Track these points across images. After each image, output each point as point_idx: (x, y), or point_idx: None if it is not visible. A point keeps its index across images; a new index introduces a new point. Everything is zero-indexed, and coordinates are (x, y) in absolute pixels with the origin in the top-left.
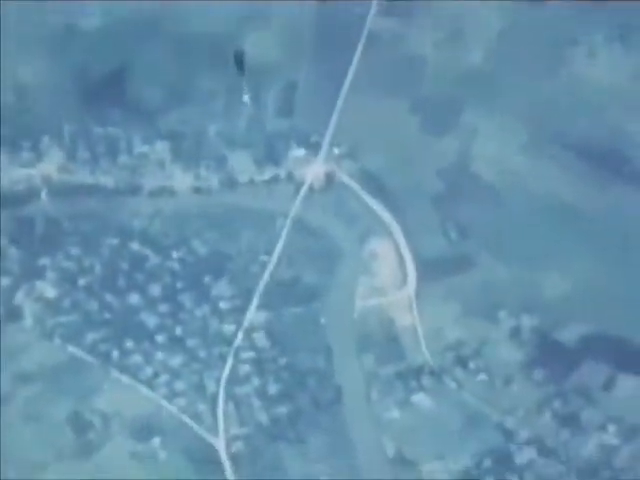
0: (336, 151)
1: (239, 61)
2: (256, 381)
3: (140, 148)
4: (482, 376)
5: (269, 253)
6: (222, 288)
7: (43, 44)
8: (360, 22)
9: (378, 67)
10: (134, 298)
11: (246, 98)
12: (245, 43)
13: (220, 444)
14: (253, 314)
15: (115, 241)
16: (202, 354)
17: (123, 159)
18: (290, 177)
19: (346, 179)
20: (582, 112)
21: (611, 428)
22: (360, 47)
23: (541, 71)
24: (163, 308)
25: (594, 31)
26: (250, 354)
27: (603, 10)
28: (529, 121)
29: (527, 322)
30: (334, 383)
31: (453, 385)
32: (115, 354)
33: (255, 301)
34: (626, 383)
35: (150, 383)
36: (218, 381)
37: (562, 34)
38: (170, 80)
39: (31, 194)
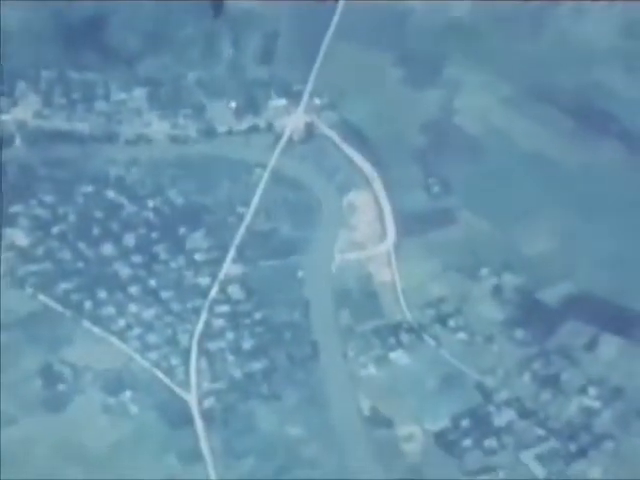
0: (317, 101)
1: (216, 6)
2: (230, 336)
3: (117, 95)
4: (462, 334)
5: (246, 204)
6: (198, 239)
7: None
8: None
9: (362, 18)
10: (108, 248)
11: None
12: None
13: (192, 399)
14: (229, 267)
15: (90, 189)
16: (176, 307)
17: (100, 105)
18: (270, 127)
19: (326, 130)
20: (568, 69)
21: (592, 390)
22: None
23: (527, 26)
24: (137, 259)
25: None
26: (225, 308)
27: None
28: (513, 76)
29: (509, 280)
30: (310, 338)
31: (432, 343)
32: (87, 305)
33: (231, 253)
34: (609, 344)
35: (122, 335)
36: (192, 335)
37: None
38: (149, 26)
39: (4, 140)
